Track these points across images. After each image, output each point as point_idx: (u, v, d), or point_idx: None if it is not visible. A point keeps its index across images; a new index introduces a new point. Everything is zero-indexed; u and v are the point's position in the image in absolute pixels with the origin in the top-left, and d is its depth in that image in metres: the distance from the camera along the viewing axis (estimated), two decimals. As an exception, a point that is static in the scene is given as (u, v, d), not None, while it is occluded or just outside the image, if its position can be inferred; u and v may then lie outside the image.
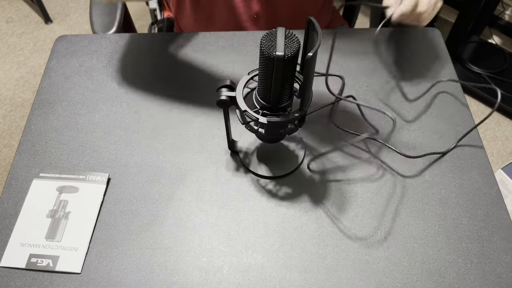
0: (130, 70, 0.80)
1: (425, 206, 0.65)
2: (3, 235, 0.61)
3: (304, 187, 0.66)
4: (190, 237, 0.62)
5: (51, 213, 0.63)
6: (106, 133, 0.72)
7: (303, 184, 0.66)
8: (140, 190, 0.66)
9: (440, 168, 0.68)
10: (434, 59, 0.83)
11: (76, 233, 0.61)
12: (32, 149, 0.70)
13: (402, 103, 0.76)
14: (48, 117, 0.74)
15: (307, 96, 0.54)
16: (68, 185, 0.65)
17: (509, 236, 0.62)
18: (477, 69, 1.81)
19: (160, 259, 0.60)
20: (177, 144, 0.71)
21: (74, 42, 0.84)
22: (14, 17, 2.13)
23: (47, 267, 0.59)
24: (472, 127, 0.72)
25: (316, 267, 0.59)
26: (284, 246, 0.61)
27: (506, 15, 1.87)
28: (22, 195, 0.65)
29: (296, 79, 0.56)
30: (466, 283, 0.58)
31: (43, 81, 0.79)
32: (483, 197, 0.65)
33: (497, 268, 0.59)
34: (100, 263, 0.59)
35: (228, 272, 0.59)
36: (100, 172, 0.67)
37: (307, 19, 0.50)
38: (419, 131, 0.73)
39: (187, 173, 0.67)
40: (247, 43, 0.84)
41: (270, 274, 0.59)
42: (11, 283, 0.58)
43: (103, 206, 0.64)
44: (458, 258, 0.60)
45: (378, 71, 0.80)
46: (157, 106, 0.75)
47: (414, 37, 0.86)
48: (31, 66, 1.93)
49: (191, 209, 0.64)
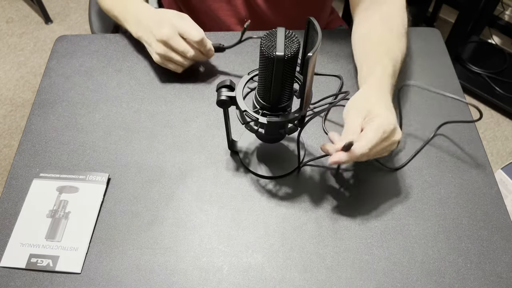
0: (130, 70, 0.80)
1: (425, 206, 0.65)
2: (3, 235, 0.61)
3: (304, 187, 0.66)
4: (190, 237, 0.62)
5: (51, 213, 0.63)
6: (106, 133, 0.72)
7: (303, 184, 0.66)
8: (140, 190, 0.66)
9: (440, 168, 0.68)
10: (434, 59, 0.83)
11: (76, 233, 0.61)
12: (32, 149, 0.70)
13: (402, 103, 0.76)
14: (48, 117, 0.74)
15: (307, 96, 0.54)
16: (68, 185, 0.65)
17: (509, 236, 0.62)
18: (477, 69, 1.81)
19: (160, 259, 0.60)
20: (177, 144, 0.71)
21: (74, 42, 0.84)
22: (14, 17, 2.13)
23: (47, 267, 0.59)
24: (472, 127, 0.73)
25: (316, 267, 0.59)
26: (284, 246, 0.61)
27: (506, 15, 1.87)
28: (22, 195, 0.65)
29: (296, 79, 0.56)
30: (466, 283, 0.58)
31: (43, 81, 0.79)
32: (483, 197, 0.66)
33: (497, 268, 0.59)
34: (100, 263, 0.59)
35: (228, 272, 0.59)
36: (100, 172, 0.67)
37: (307, 19, 0.50)
38: (419, 131, 0.73)
39: (187, 173, 0.67)
40: (248, 43, 0.84)
41: (270, 274, 0.59)
42: (11, 283, 0.58)
43: (103, 206, 0.64)
44: (458, 258, 0.60)
45: (378, 71, 0.80)
46: (157, 106, 0.75)
47: (414, 37, 0.86)
48: (31, 66, 1.93)
49: (191, 209, 0.64)
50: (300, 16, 0.91)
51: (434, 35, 0.87)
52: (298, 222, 0.63)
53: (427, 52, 0.84)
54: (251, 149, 0.69)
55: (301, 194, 0.66)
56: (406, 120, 0.74)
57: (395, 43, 0.70)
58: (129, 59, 0.81)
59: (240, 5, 0.89)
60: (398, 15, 0.73)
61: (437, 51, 0.84)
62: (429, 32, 0.87)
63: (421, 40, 0.86)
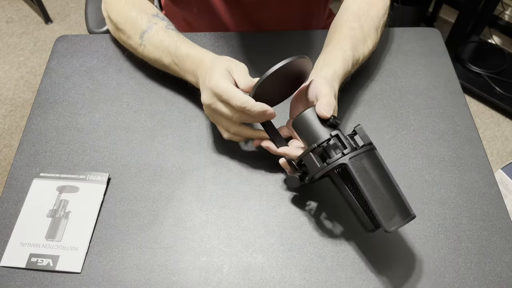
0: (130, 70, 0.80)
1: (424, 206, 0.65)
2: (3, 235, 0.61)
3: (304, 187, 0.66)
4: (190, 237, 0.62)
5: (51, 212, 0.63)
6: (106, 133, 0.72)
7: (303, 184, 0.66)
8: (140, 190, 0.66)
9: (440, 168, 0.69)
10: (434, 59, 0.83)
11: (76, 232, 0.61)
12: (32, 149, 0.70)
13: (402, 103, 0.76)
14: (48, 117, 0.74)
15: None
16: (68, 184, 0.66)
17: (509, 236, 0.62)
18: (477, 69, 1.81)
19: (160, 259, 0.60)
20: (177, 144, 0.71)
21: (74, 42, 0.84)
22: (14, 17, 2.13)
23: (47, 266, 0.59)
24: (472, 127, 0.73)
25: (316, 267, 0.59)
26: (284, 246, 0.61)
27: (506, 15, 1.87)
28: (22, 195, 0.65)
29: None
30: (466, 283, 0.58)
31: (43, 81, 0.79)
32: (483, 197, 0.66)
33: (496, 268, 0.59)
34: (100, 263, 0.59)
35: (228, 271, 0.59)
36: (100, 172, 0.67)
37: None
38: (419, 131, 0.73)
39: (187, 173, 0.68)
40: (247, 43, 0.84)
41: (270, 274, 0.59)
42: (11, 282, 0.58)
43: (103, 206, 0.64)
44: (458, 258, 0.60)
45: (377, 71, 0.80)
46: (157, 106, 0.75)
47: (414, 37, 0.86)
48: (31, 66, 1.94)
49: (191, 209, 0.64)
50: (289, 15, 0.91)
51: (434, 35, 0.87)
52: (298, 222, 0.63)
53: (427, 52, 0.84)
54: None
55: (301, 194, 0.66)
56: (406, 120, 0.74)
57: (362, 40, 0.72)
58: (129, 59, 0.81)
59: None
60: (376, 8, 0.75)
61: (437, 51, 0.84)
62: (429, 32, 0.87)
63: (421, 40, 0.86)
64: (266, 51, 0.83)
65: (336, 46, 0.69)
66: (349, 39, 0.70)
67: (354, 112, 0.75)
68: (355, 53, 0.70)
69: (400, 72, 0.81)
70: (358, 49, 0.71)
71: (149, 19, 0.73)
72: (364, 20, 0.73)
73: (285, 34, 0.86)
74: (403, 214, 0.53)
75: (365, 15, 0.73)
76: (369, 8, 0.74)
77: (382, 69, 0.81)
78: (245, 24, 0.91)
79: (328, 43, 0.71)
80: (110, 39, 0.85)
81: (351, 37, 0.70)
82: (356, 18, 0.72)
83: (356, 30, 0.71)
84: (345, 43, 0.69)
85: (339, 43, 0.69)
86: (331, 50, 0.69)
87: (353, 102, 0.76)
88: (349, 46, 0.69)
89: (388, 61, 0.82)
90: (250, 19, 0.90)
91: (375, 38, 0.75)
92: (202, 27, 0.93)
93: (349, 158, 0.54)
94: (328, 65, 0.66)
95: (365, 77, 0.79)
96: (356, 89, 0.78)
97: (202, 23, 0.93)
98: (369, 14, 0.74)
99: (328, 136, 0.56)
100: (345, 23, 0.72)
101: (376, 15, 0.75)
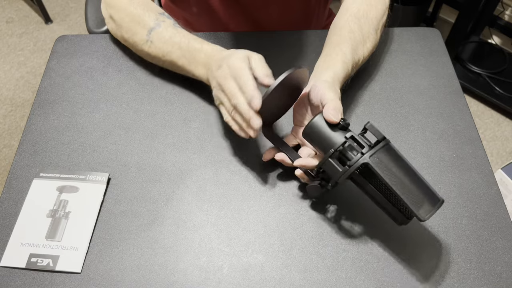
0: (130, 70, 0.80)
1: (425, 206, 0.65)
2: (3, 235, 0.61)
3: (304, 187, 0.66)
4: (190, 237, 0.62)
5: (51, 212, 0.63)
6: (106, 133, 0.72)
7: (303, 184, 0.66)
8: (140, 190, 0.66)
9: (440, 168, 0.69)
10: (434, 59, 0.83)
11: (76, 232, 0.61)
12: (32, 149, 0.70)
13: (402, 103, 0.76)
14: (48, 117, 0.74)
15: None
16: (68, 185, 0.66)
17: (508, 236, 0.62)
18: (477, 69, 1.81)
19: (160, 259, 0.60)
20: (177, 144, 0.71)
21: (74, 42, 0.84)
22: (14, 17, 2.13)
23: (47, 266, 0.59)
24: (472, 127, 0.72)
25: (316, 267, 0.59)
26: (284, 246, 0.61)
27: (506, 15, 1.87)
28: (22, 195, 0.65)
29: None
30: (466, 283, 0.58)
31: (43, 81, 0.79)
32: (482, 197, 0.66)
33: (496, 267, 0.59)
34: (100, 263, 0.59)
35: (228, 272, 0.59)
36: (100, 172, 0.67)
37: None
38: (419, 131, 0.73)
39: (187, 173, 0.68)
40: (247, 43, 0.84)
41: (270, 274, 0.59)
42: (11, 282, 0.58)
43: (103, 206, 0.64)
44: (458, 258, 0.60)
45: (377, 71, 0.80)
46: (157, 106, 0.75)
47: (414, 37, 0.86)
48: (31, 66, 1.93)
49: (191, 209, 0.64)
50: (289, 15, 0.91)
51: (434, 35, 0.87)
52: (298, 222, 0.63)
53: (427, 52, 0.84)
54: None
55: (301, 194, 0.66)
56: (406, 120, 0.74)
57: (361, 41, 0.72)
58: (129, 59, 0.81)
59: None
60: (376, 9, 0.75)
61: (437, 51, 0.84)
62: (429, 32, 0.87)
63: (421, 40, 0.86)
64: (266, 51, 0.82)
65: (336, 48, 0.69)
66: (348, 41, 0.70)
67: (354, 112, 0.75)
68: (355, 55, 0.70)
69: (400, 72, 0.81)
70: (358, 51, 0.71)
71: (156, 17, 0.74)
72: (364, 22, 0.73)
73: (285, 34, 0.86)
74: (433, 200, 0.54)
75: (365, 16, 0.73)
76: (369, 9, 0.74)
77: (382, 69, 0.81)
78: (245, 24, 0.91)
79: (328, 45, 0.71)
80: (110, 39, 0.85)
81: (351, 39, 0.70)
82: (356, 20, 0.72)
83: (355, 32, 0.71)
84: (345, 45, 0.69)
85: (338, 45, 0.69)
86: (330, 52, 0.69)
87: (353, 102, 0.76)
88: (348, 49, 0.69)
89: (388, 61, 0.82)
90: (250, 19, 0.90)
91: (375, 40, 0.75)
92: (202, 27, 0.93)
93: (369, 156, 0.54)
94: (328, 68, 0.66)
95: (365, 77, 0.79)
96: (356, 89, 0.78)
97: (202, 23, 0.93)
98: (368, 15, 0.74)
99: (343, 139, 0.56)
100: (344, 24, 0.72)
101: (375, 17, 0.74)
